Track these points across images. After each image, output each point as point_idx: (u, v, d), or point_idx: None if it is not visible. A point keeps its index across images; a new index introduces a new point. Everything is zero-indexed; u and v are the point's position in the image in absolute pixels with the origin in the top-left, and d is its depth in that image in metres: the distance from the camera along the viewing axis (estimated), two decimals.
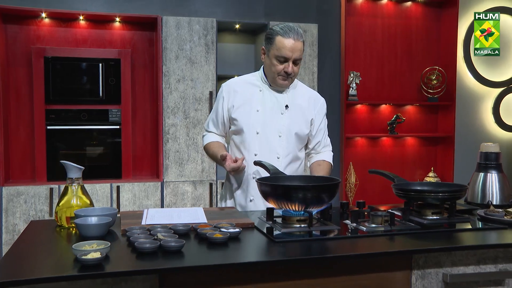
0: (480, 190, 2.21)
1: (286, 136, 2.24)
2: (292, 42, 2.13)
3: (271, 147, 2.23)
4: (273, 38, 2.17)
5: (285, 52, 2.13)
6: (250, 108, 2.24)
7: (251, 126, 2.23)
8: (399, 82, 4.98)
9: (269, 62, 2.20)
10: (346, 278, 1.51)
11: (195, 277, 1.37)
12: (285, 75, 2.18)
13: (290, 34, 2.13)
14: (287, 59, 2.15)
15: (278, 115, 2.25)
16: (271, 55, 2.18)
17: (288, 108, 2.26)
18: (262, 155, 2.21)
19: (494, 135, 5.19)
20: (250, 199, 2.24)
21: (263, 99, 2.26)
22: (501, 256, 1.62)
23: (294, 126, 2.26)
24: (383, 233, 1.70)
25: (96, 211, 1.71)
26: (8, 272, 1.29)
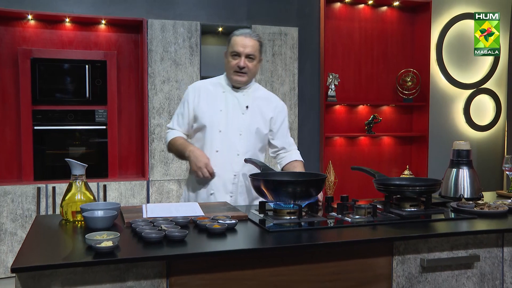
0: (453, 184, 2.39)
1: (246, 134, 2.39)
2: (243, 38, 2.34)
3: (232, 144, 2.37)
4: (230, 39, 2.39)
5: (237, 48, 2.33)
6: (213, 107, 2.39)
7: (214, 125, 2.37)
8: (375, 83, 5.19)
9: (226, 61, 2.40)
10: (333, 264, 1.66)
11: (199, 263, 1.50)
12: (239, 69, 2.34)
13: (243, 33, 2.36)
14: (239, 54, 2.33)
15: (239, 115, 2.40)
16: (228, 54, 2.39)
17: (248, 108, 2.42)
18: (223, 152, 2.36)
19: (465, 134, 5.44)
20: (211, 193, 2.38)
21: (225, 99, 2.41)
22: (471, 242, 1.80)
23: (254, 125, 2.41)
24: (366, 223, 1.85)
25: (100, 205, 1.82)
26: (28, 259, 1.40)
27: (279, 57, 4.60)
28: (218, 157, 2.35)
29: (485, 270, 1.82)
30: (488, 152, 5.49)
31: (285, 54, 4.63)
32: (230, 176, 2.35)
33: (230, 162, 2.35)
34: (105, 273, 1.41)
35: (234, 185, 2.37)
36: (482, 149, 5.48)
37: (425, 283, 1.75)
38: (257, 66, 2.42)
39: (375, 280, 1.70)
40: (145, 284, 1.45)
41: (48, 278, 1.36)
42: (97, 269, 1.41)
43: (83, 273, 1.40)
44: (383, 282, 1.70)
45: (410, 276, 1.74)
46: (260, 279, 1.56)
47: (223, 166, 2.33)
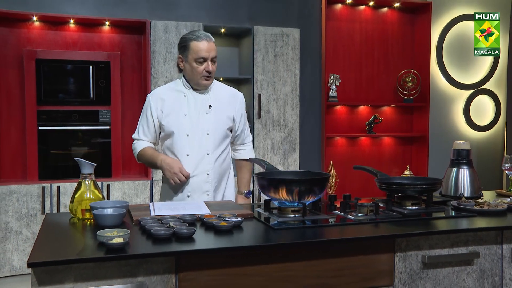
0: (453, 183, 2.44)
1: (212, 133, 2.44)
2: (206, 44, 2.35)
3: (201, 145, 2.41)
4: (187, 44, 2.37)
5: (202, 54, 2.33)
6: (177, 113, 2.42)
7: (180, 130, 2.40)
8: (376, 84, 5.23)
9: (189, 67, 2.38)
10: (337, 260, 1.70)
11: (207, 259, 1.55)
12: (207, 74, 2.37)
13: (203, 37, 2.36)
14: (205, 59, 2.35)
15: (203, 115, 2.43)
16: (190, 60, 2.36)
17: (212, 107, 2.45)
18: (193, 154, 2.40)
19: (465, 134, 5.49)
20: (188, 195, 2.43)
21: (188, 103, 2.43)
22: (471, 240, 1.84)
23: (219, 122, 2.45)
24: (369, 221, 1.90)
25: (109, 204, 1.87)
26: (43, 255, 1.45)
27: (281, 58, 4.65)
28: (190, 160, 2.39)
29: (485, 267, 1.86)
30: (487, 152, 5.54)
31: (286, 55, 4.67)
32: (204, 176, 2.40)
33: (202, 162, 2.40)
34: (116, 269, 1.46)
35: (209, 183, 2.42)
36: (482, 149, 5.53)
37: (426, 279, 1.80)
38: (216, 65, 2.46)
39: (377, 276, 1.74)
40: (155, 280, 1.50)
41: (61, 273, 1.41)
42: (108, 265, 1.45)
43: (94, 269, 1.44)
44: (386, 278, 1.75)
45: (412, 272, 1.78)
46: (266, 275, 1.61)
47: (195, 168, 2.38)
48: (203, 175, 2.40)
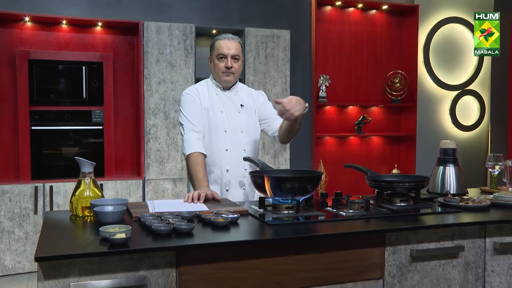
0: (440, 181, 2.53)
1: (246, 130, 2.55)
2: (227, 41, 2.49)
3: (237, 142, 2.52)
4: (213, 44, 2.53)
5: (222, 50, 2.47)
6: (214, 109, 2.52)
7: (219, 125, 2.51)
8: (365, 84, 5.33)
9: (213, 65, 2.54)
10: (330, 254, 1.77)
11: (206, 253, 1.61)
12: (227, 70, 2.49)
13: (225, 36, 2.52)
14: (225, 56, 2.47)
15: (236, 114, 2.55)
16: (214, 58, 2.52)
17: (243, 106, 2.57)
18: (231, 150, 2.51)
19: (451, 134, 5.61)
20: (226, 189, 2.53)
21: (221, 101, 2.55)
22: (457, 234, 1.93)
23: (250, 121, 2.58)
24: (360, 217, 1.98)
25: (108, 201, 1.92)
26: (49, 249, 1.50)
27: (272, 59, 4.72)
28: (228, 155, 2.50)
29: (469, 259, 1.95)
30: (472, 151, 5.67)
31: (277, 56, 4.74)
32: (242, 171, 2.50)
33: (240, 158, 2.50)
34: (119, 263, 1.52)
35: (246, 178, 2.52)
36: (467, 148, 5.66)
37: (414, 272, 1.88)
38: (241, 66, 2.58)
39: (369, 269, 1.82)
40: (156, 273, 1.56)
41: (66, 268, 1.47)
42: (111, 259, 1.51)
43: (99, 263, 1.50)
44: (376, 271, 1.83)
45: (401, 265, 1.86)
46: (263, 268, 1.68)
47: (234, 163, 2.48)
48: (241, 170, 2.49)
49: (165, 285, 1.57)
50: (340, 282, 1.79)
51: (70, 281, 1.47)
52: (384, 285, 1.84)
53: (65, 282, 1.47)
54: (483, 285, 1.98)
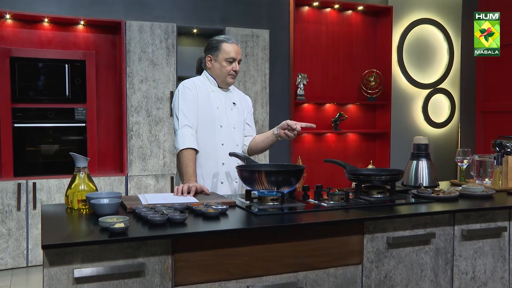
0: (413, 174, 2.69)
1: (238, 127, 2.69)
2: (235, 46, 2.62)
3: (231, 137, 2.66)
4: (219, 45, 2.61)
5: (233, 54, 2.59)
6: (211, 105, 2.62)
7: (216, 120, 2.61)
8: (341, 83, 5.50)
9: (218, 66, 2.61)
10: (314, 242, 1.91)
11: (199, 241, 1.73)
12: (234, 73, 2.63)
13: (233, 40, 2.63)
14: (235, 60, 2.61)
15: (229, 111, 2.68)
16: (220, 59, 2.60)
17: (235, 105, 2.71)
18: (226, 145, 2.63)
19: (423, 131, 5.84)
20: (221, 181, 2.65)
21: (217, 98, 2.66)
22: (429, 222, 2.10)
23: (240, 118, 2.72)
24: (340, 207, 2.12)
25: (103, 194, 2.02)
26: (52, 239, 1.59)
27: (251, 58, 4.84)
28: (224, 149, 2.61)
29: (440, 245, 2.12)
30: (443, 146, 5.91)
31: (257, 55, 4.87)
32: (234, 165, 2.59)
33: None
34: (119, 251, 1.62)
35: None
36: (439, 143, 5.90)
37: (390, 257, 2.04)
38: None
39: (349, 255, 1.96)
40: (153, 260, 1.67)
41: (70, 255, 1.57)
42: (111, 247, 1.62)
43: (100, 251, 1.60)
44: (356, 257, 1.98)
45: (378, 251, 2.01)
46: (252, 255, 1.81)
47: (229, 157, 2.58)
48: (234, 164, 2.55)
49: (161, 271, 1.68)
50: (323, 267, 1.93)
51: (74, 268, 1.57)
52: (363, 270, 1.99)
53: (68, 269, 1.56)
54: (451, 268, 2.15)
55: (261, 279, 1.83)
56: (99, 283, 1.60)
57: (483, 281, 2.22)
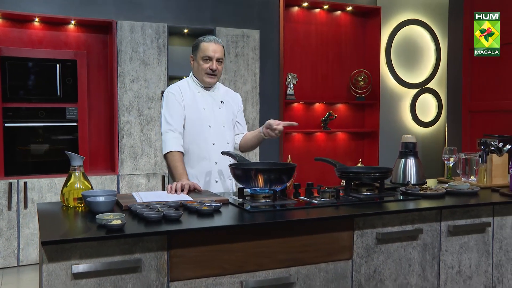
0: (401, 172, 2.76)
1: (227, 125, 2.74)
2: (213, 44, 2.64)
3: (222, 136, 2.70)
4: (198, 45, 2.67)
5: (208, 53, 2.62)
6: (197, 106, 2.67)
7: (204, 121, 2.66)
8: (331, 83, 5.57)
9: (197, 65, 2.67)
10: (305, 238, 1.97)
11: (194, 238, 1.78)
12: (211, 72, 2.65)
13: (211, 39, 2.66)
14: (211, 58, 2.63)
15: (217, 110, 2.72)
16: (198, 58, 2.65)
17: (223, 103, 2.75)
18: (217, 144, 2.67)
19: (411, 130, 5.93)
20: (216, 180, 2.69)
21: (203, 98, 2.71)
22: (416, 218, 2.16)
23: (229, 116, 2.77)
24: (330, 204, 2.18)
25: (98, 192, 2.05)
26: (50, 236, 1.63)
27: (242, 57, 4.89)
28: (216, 148, 2.65)
29: (427, 241, 2.19)
30: (431, 145, 6.01)
31: (247, 55, 4.91)
32: (227, 163, 2.63)
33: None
34: (116, 247, 1.66)
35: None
36: (426, 142, 5.99)
37: (379, 253, 2.10)
38: (222, 68, 2.74)
39: (339, 251, 2.02)
40: (149, 256, 1.71)
41: (68, 251, 1.60)
42: (109, 244, 1.65)
43: (97, 247, 1.64)
44: (346, 252, 2.03)
45: (368, 247, 2.07)
46: (245, 251, 1.85)
47: (221, 156, 2.62)
48: (227, 162, 2.59)
49: (157, 266, 1.72)
50: (314, 262, 1.98)
51: (72, 263, 1.60)
52: (353, 265, 2.05)
53: (67, 265, 1.60)
54: (438, 263, 2.22)
55: (254, 274, 1.88)
56: (96, 278, 1.64)
57: (468, 275, 2.29)
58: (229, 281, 1.84)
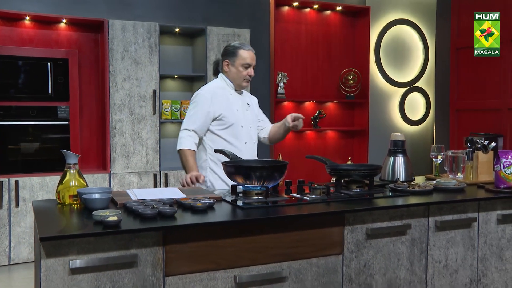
0: (390, 169, 2.82)
1: (253, 126, 2.93)
2: (251, 52, 2.84)
3: (250, 136, 2.88)
4: (236, 52, 2.82)
5: (249, 61, 2.83)
6: (231, 107, 2.82)
7: (237, 121, 2.82)
8: (321, 81, 5.63)
9: (235, 71, 2.83)
10: (297, 233, 2.02)
11: (189, 233, 1.82)
12: (249, 78, 2.86)
13: (249, 47, 2.84)
14: (250, 65, 2.82)
15: (245, 112, 2.90)
16: (237, 65, 2.81)
17: (249, 105, 2.93)
18: (248, 143, 2.85)
19: (400, 128, 6.01)
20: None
21: (235, 100, 2.87)
22: (405, 214, 2.22)
23: (254, 118, 2.95)
24: (321, 200, 2.23)
25: (94, 190, 2.09)
26: (48, 232, 1.66)
27: None
28: (247, 147, 2.82)
29: (415, 236, 2.25)
30: (419, 143, 6.10)
31: None
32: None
33: (253, 150, 2.90)
34: (113, 243, 1.70)
35: None
36: (415, 140, 6.08)
37: (369, 247, 2.15)
38: None
39: (330, 246, 2.07)
40: (145, 251, 1.75)
41: (66, 247, 1.64)
42: (106, 239, 1.69)
43: (94, 243, 1.67)
44: (337, 247, 2.09)
45: (358, 242, 2.13)
46: (239, 246, 1.90)
47: (250, 154, 2.80)
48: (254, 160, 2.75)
49: (153, 261, 1.76)
50: (306, 257, 2.03)
51: (70, 259, 1.64)
52: (344, 259, 2.11)
53: (64, 260, 1.63)
54: (426, 257, 2.28)
55: (247, 269, 1.92)
56: (93, 273, 1.68)
57: (454, 268, 2.36)
58: (223, 276, 1.88)
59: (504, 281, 2.50)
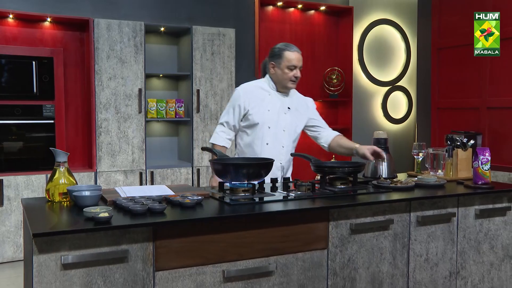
0: (373, 167, 2.89)
1: (288, 130, 2.89)
2: (297, 54, 2.84)
3: (278, 139, 2.86)
4: (281, 54, 2.82)
5: (295, 62, 2.81)
6: (263, 107, 2.83)
7: (264, 122, 2.83)
8: (304, 80, 5.68)
9: (281, 72, 2.82)
10: (283, 228, 2.07)
11: (178, 229, 1.86)
12: (295, 79, 2.85)
13: (295, 49, 2.84)
14: (296, 67, 2.82)
15: (282, 114, 2.88)
16: (283, 67, 2.81)
17: (290, 109, 2.90)
18: (271, 144, 2.84)
19: (383, 126, 6.11)
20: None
21: (272, 101, 2.86)
22: (388, 210, 2.29)
23: (293, 123, 2.92)
24: (307, 197, 2.29)
25: (83, 187, 2.12)
26: (39, 228, 1.69)
27: (218, 56, 4.96)
28: (268, 148, 2.81)
29: (397, 231, 2.32)
30: (401, 141, 6.21)
31: (223, 53, 4.99)
32: (277, 164, 2.79)
33: (277, 153, 2.84)
34: (104, 239, 1.74)
35: (279, 171, 2.83)
36: (397, 138, 6.19)
37: (353, 242, 2.22)
38: None
39: (315, 241, 2.14)
40: (136, 247, 1.79)
41: (58, 243, 1.67)
42: (97, 235, 1.73)
43: (86, 239, 1.71)
44: (322, 242, 2.15)
45: (342, 237, 2.20)
46: (227, 241, 1.95)
47: (272, 156, 2.75)
48: (277, 163, 2.75)
49: (143, 257, 1.81)
50: (292, 252, 2.09)
51: (62, 255, 1.67)
52: (328, 254, 2.17)
53: (56, 256, 1.67)
54: (408, 251, 2.36)
55: (235, 264, 1.97)
56: (85, 268, 1.71)
57: (435, 262, 2.44)
58: (212, 270, 1.93)
59: (481, 273, 2.59)
